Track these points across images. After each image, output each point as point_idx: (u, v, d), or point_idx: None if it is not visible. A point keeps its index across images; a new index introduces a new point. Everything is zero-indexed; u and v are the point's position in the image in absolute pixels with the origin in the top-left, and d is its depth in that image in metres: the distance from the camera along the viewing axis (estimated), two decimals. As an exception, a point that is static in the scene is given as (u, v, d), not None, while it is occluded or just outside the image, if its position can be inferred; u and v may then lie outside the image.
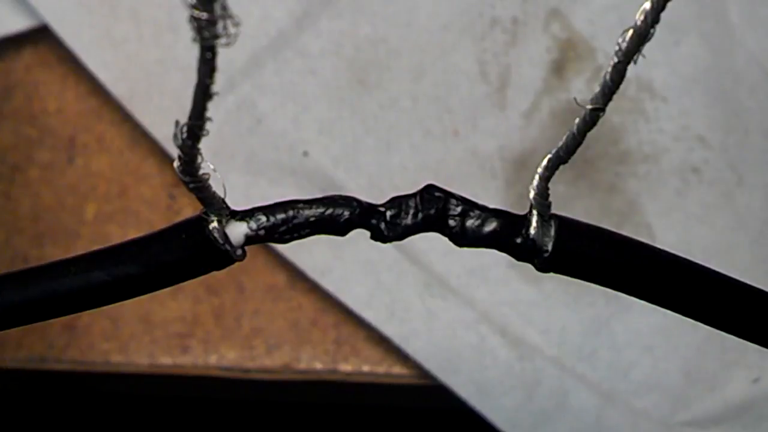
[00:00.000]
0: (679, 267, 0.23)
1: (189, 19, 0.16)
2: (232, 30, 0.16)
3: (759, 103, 0.45)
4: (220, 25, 0.16)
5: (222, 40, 0.17)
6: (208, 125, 0.19)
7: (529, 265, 0.23)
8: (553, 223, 0.22)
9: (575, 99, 0.44)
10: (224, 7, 0.16)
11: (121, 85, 0.44)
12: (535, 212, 0.22)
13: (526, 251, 0.23)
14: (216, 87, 0.18)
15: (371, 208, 0.23)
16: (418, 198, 0.23)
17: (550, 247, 0.22)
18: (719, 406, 0.43)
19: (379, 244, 0.23)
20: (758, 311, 0.23)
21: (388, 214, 0.23)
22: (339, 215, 0.22)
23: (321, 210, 0.22)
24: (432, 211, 0.23)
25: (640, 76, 0.45)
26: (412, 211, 0.23)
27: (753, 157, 0.45)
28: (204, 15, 0.16)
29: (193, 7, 0.16)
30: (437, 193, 0.23)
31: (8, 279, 0.23)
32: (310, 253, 0.43)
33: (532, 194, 0.22)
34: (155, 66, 0.45)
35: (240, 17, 0.16)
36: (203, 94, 0.18)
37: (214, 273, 0.23)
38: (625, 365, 0.44)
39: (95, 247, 0.23)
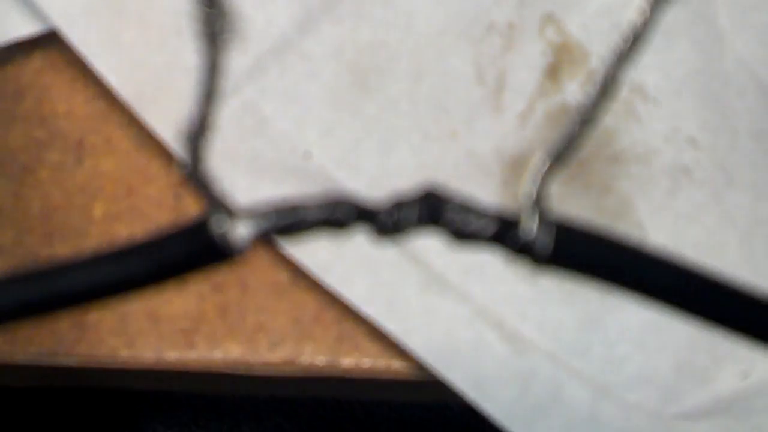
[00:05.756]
0: (677, 270, 0.23)
1: (195, 19, 0.17)
2: (237, 31, 0.17)
3: (747, 106, 0.46)
4: (225, 26, 0.17)
5: (227, 41, 0.17)
6: (213, 127, 0.19)
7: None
8: (549, 224, 0.23)
9: (575, 101, 0.44)
10: (229, 8, 0.17)
11: (129, 88, 0.45)
12: (531, 213, 0.23)
13: (522, 252, 0.23)
14: (220, 89, 0.19)
15: (371, 208, 0.23)
16: (416, 199, 0.23)
17: (546, 249, 0.23)
18: (710, 399, 0.44)
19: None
20: (755, 313, 0.23)
21: (388, 214, 0.23)
22: (340, 215, 0.23)
23: (322, 210, 0.23)
24: (430, 212, 0.23)
25: (632, 79, 0.46)
26: (410, 212, 0.23)
27: (742, 157, 0.45)
28: (210, 15, 0.17)
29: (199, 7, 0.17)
30: (436, 194, 0.23)
31: (21, 277, 0.23)
32: (312, 252, 0.44)
33: (528, 196, 0.23)
34: (162, 69, 0.45)
35: (245, 22, 0.17)
36: (208, 95, 0.19)
37: (219, 271, 0.23)
38: (618, 360, 0.44)
39: (103, 245, 0.23)
